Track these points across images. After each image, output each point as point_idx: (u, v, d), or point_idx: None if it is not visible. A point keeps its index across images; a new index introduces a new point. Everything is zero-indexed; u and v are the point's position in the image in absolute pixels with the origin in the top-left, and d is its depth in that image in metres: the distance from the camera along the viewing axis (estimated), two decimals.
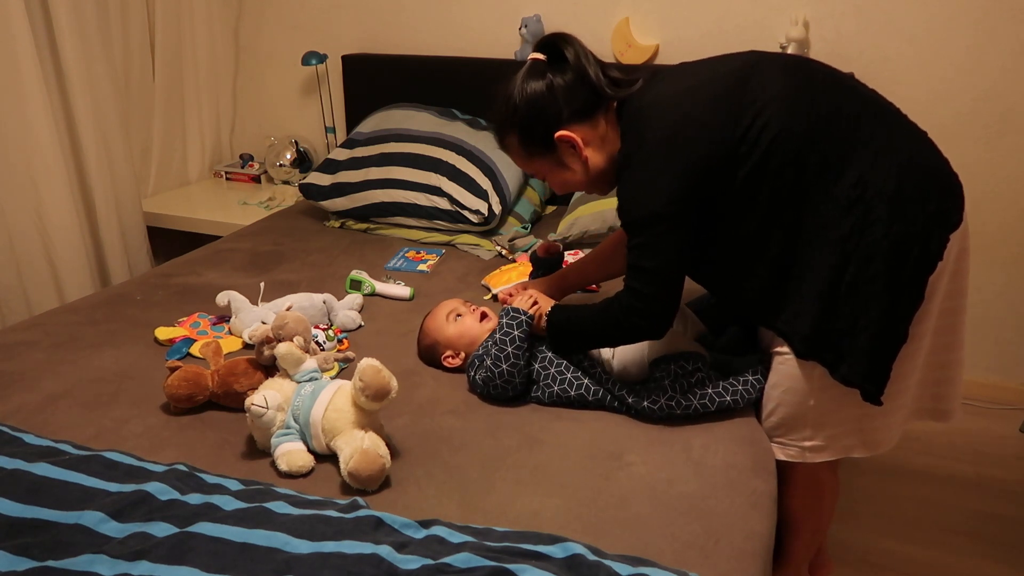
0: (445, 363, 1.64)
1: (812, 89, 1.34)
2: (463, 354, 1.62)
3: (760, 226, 1.34)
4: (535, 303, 1.53)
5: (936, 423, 1.51)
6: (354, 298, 1.91)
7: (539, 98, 1.40)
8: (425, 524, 1.13)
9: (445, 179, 2.41)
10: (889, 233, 1.28)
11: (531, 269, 2.05)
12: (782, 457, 1.48)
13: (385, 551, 1.03)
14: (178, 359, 1.61)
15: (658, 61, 2.64)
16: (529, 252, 1.81)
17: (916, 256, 1.30)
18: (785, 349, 1.42)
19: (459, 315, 1.65)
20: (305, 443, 1.33)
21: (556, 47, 1.41)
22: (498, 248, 2.33)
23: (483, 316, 1.65)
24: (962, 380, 1.49)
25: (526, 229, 2.47)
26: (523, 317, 1.49)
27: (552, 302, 1.60)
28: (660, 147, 1.32)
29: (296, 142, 3.14)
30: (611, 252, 1.74)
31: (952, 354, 1.45)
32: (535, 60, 1.44)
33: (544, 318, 1.54)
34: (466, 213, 2.36)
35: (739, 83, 1.33)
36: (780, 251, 1.35)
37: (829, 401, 1.41)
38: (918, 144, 1.35)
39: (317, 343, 1.66)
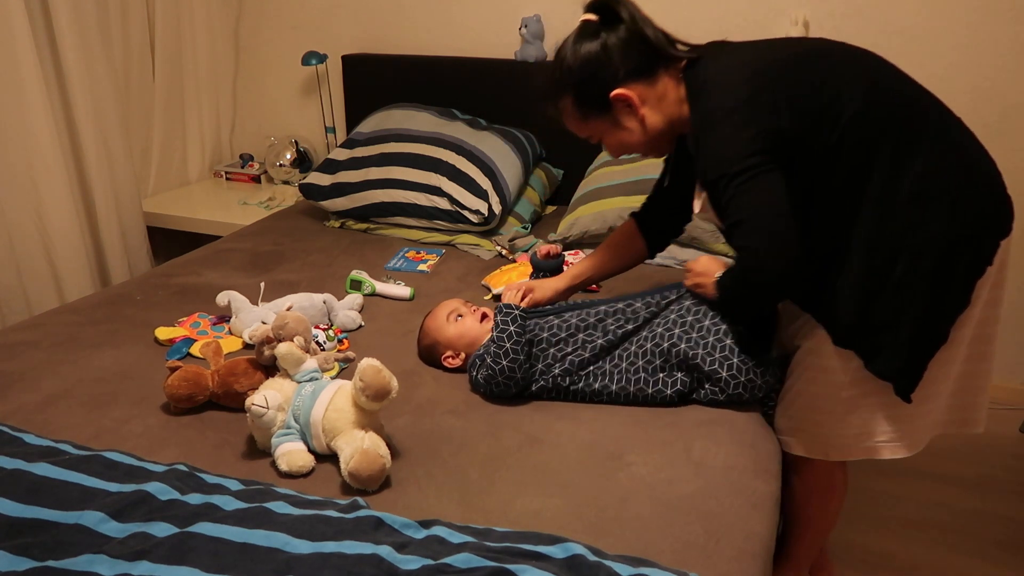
0: (445, 363, 1.64)
1: (886, 78, 1.34)
2: (463, 355, 1.62)
3: (823, 209, 1.33)
4: (526, 295, 1.52)
5: (959, 431, 1.50)
6: (354, 298, 1.91)
7: (593, 57, 1.37)
8: (425, 524, 1.13)
9: (445, 179, 2.41)
10: (946, 232, 1.28)
11: (531, 269, 2.05)
12: (801, 452, 1.47)
13: (385, 551, 1.03)
14: (178, 359, 1.61)
15: None
16: (529, 255, 1.80)
17: (968, 259, 1.29)
18: (814, 342, 1.40)
19: (460, 315, 1.65)
20: (305, 443, 1.33)
21: (608, 7, 1.38)
22: (498, 248, 2.33)
23: (483, 317, 1.65)
24: (990, 389, 1.48)
25: (526, 229, 2.47)
26: (515, 312, 1.49)
27: (549, 291, 1.59)
28: (743, 108, 1.29)
29: (296, 142, 3.14)
30: (625, 240, 1.73)
31: (984, 364, 1.44)
32: (586, 21, 1.40)
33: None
34: (466, 213, 2.36)
35: (817, 60, 1.33)
36: (835, 235, 1.33)
37: (859, 396, 1.40)
38: (978, 147, 1.35)
39: (317, 343, 1.66)
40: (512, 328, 1.47)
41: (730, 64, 1.35)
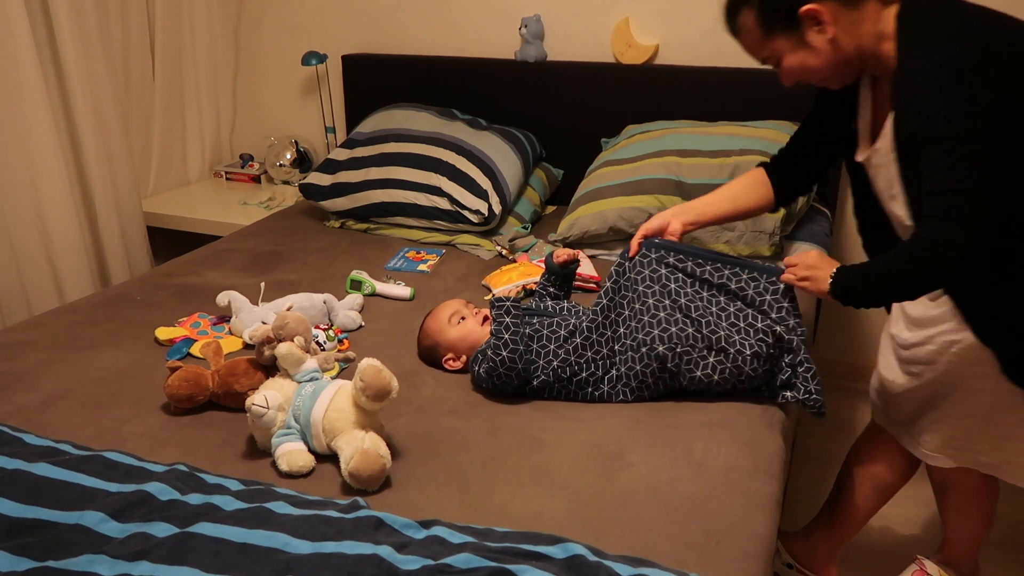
0: (446, 365, 1.64)
1: None
2: (464, 357, 1.62)
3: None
4: (521, 287, 1.48)
5: None
6: (354, 298, 1.91)
7: None
8: (425, 524, 1.13)
9: (445, 179, 2.41)
10: None
11: (531, 269, 2.05)
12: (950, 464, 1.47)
13: (385, 551, 1.03)
14: (178, 359, 1.61)
15: (658, 61, 2.63)
16: (546, 255, 1.81)
17: None
18: (957, 336, 1.36)
19: (462, 318, 1.65)
20: (306, 443, 1.33)
21: None
22: (498, 248, 2.33)
23: (485, 319, 1.64)
24: None
25: (526, 229, 2.47)
26: (507, 303, 1.48)
27: (677, 224, 1.58)
28: (981, 67, 1.19)
29: (296, 142, 3.14)
30: (751, 186, 1.66)
31: None
32: None
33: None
34: (466, 213, 2.36)
35: None
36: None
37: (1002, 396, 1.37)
38: None
39: (317, 343, 1.65)
40: (508, 319, 1.47)
41: (963, 19, 1.24)
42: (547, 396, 1.53)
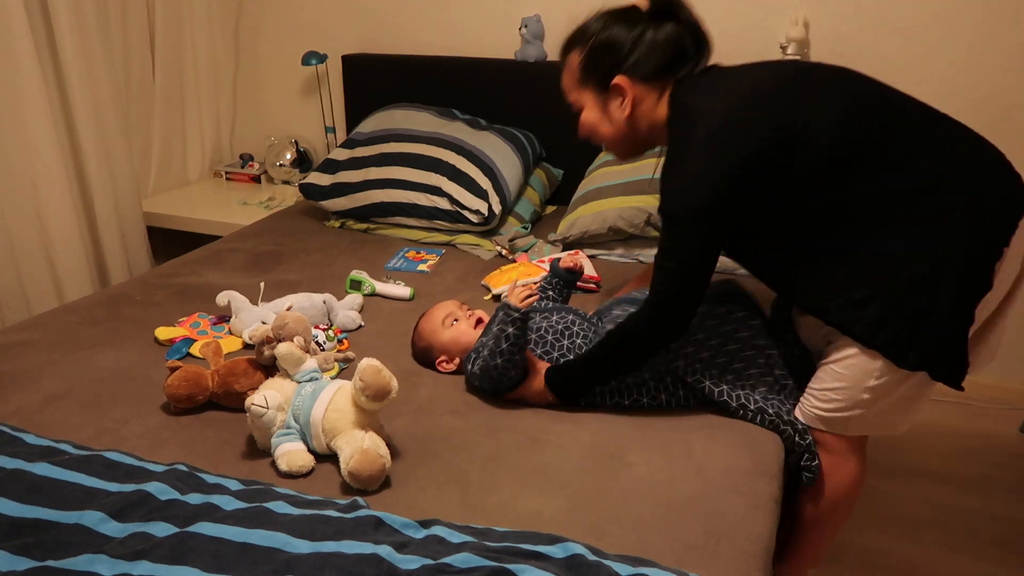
0: (439, 367, 1.64)
1: (869, 92, 1.36)
2: (457, 359, 1.63)
3: (816, 218, 1.34)
4: (528, 296, 1.52)
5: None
6: (354, 298, 1.91)
7: (620, 42, 1.40)
8: (425, 524, 1.13)
9: (445, 179, 2.41)
10: (965, 220, 1.28)
11: (531, 269, 2.06)
12: (820, 426, 1.46)
13: (385, 551, 1.03)
14: (178, 359, 1.61)
15: None
16: (551, 260, 1.83)
17: (987, 243, 1.30)
18: (843, 353, 1.39)
19: (455, 320, 1.65)
20: (305, 443, 1.33)
21: (669, 5, 1.41)
22: (498, 248, 2.33)
23: (479, 322, 1.65)
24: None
25: (526, 229, 2.47)
26: (516, 315, 1.48)
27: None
28: (709, 143, 1.31)
29: (296, 142, 3.14)
30: None
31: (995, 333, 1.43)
32: (635, 7, 1.43)
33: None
34: (466, 213, 2.36)
35: (792, 86, 1.35)
36: (842, 243, 1.34)
37: (885, 386, 1.39)
38: (975, 135, 1.36)
39: (317, 343, 1.65)
40: (511, 330, 1.46)
41: (707, 96, 1.36)
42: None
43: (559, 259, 1.77)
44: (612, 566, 1.03)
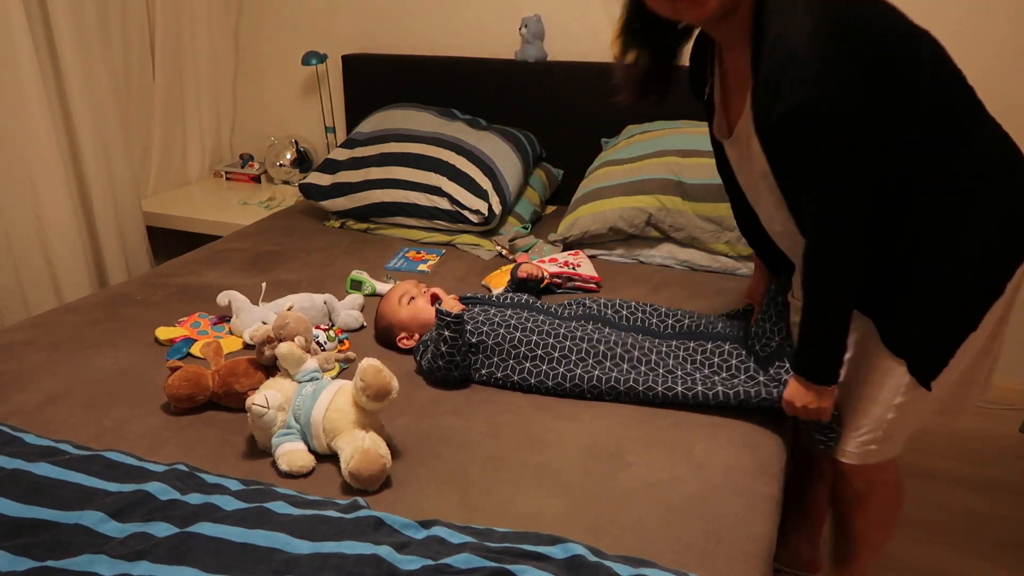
0: (400, 344, 1.70)
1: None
2: (417, 335, 1.68)
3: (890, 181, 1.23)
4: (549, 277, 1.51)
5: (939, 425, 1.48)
6: (355, 298, 1.91)
7: None
8: (425, 524, 1.13)
9: (445, 179, 2.41)
10: (999, 211, 1.25)
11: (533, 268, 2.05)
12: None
13: (385, 551, 1.03)
14: (178, 359, 1.61)
15: None
16: (511, 269, 1.85)
17: (1012, 245, 1.27)
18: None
19: (412, 298, 1.72)
20: (306, 443, 1.33)
21: None
22: (498, 248, 2.33)
23: (434, 298, 1.71)
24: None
25: (526, 229, 2.47)
26: (448, 319, 1.52)
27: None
28: (845, 36, 1.12)
29: (296, 142, 3.14)
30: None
31: (989, 359, 1.42)
32: None
33: None
34: (466, 213, 2.36)
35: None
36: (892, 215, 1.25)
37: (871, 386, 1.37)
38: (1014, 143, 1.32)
39: (318, 343, 1.65)
40: (447, 333, 1.52)
41: None
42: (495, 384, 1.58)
43: (517, 268, 1.80)
44: (612, 567, 1.03)
